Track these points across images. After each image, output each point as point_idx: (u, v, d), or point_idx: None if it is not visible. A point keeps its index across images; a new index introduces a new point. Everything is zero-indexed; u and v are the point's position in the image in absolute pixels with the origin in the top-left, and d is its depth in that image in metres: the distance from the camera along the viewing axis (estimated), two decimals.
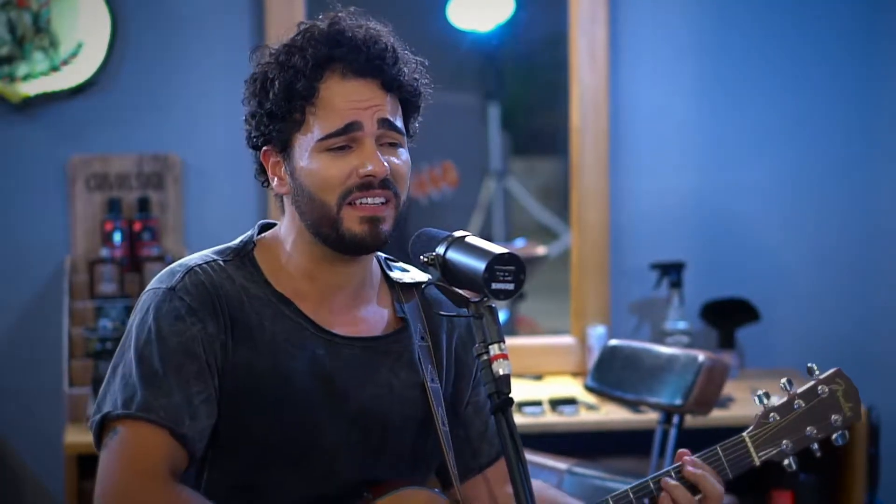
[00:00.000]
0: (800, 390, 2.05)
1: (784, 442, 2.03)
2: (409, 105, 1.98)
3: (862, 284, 4.56)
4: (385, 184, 1.91)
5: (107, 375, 1.91)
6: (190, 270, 1.93)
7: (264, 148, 1.97)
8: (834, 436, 2.05)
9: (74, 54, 4.12)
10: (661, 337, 4.31)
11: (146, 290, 1.95)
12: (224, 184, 4.27)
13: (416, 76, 1.97)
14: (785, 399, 2.05)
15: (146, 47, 4.22)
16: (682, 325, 4.31)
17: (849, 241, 4.55)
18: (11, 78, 4.09)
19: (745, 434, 2.03)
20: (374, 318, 2.02)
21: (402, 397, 1.99)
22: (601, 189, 4.43)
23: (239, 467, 1.92)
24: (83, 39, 4.12)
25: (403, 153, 1.95)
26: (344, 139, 1.90)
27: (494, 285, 1.79)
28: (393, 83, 1.93)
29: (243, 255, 1.98)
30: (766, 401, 2.04)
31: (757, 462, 2.02)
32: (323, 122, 1.90)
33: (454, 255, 1.85)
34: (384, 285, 2.06)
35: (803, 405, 2.04)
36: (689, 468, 1.99)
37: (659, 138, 4.48)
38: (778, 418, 2.03)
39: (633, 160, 4.46)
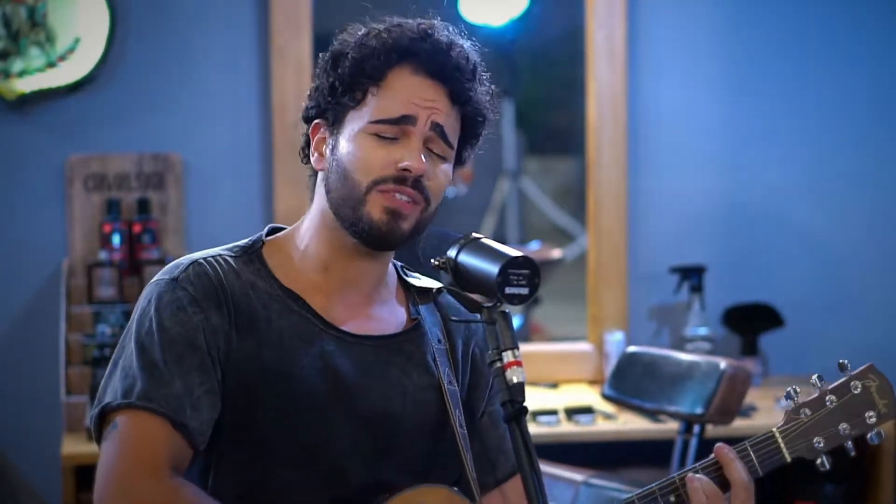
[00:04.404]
0: (831, 386, 2.03)
1: (816, 439, 2.00)
2: (470, 127, 2.00)
3: (889, 289, 4.54)
4: (418, 184, 1.93)
5: (108, 369, 1.93)
6: (194, 262, 1.96)
7: (316, 121, 2.00)
8: (869, 434, 2.02)
9: (72, 50, 4.09)
10: (681, 343, 4.30)
11: (150, 282, 1.98)
12: (227, 184, 4.27)
13: (487, 100, 2.00)
14: (816, 395, 2.03)
15: (146, 42, 4.19)
16: (702, 331, 4.29)
17: (876, 243, 4.53)
18: (6, 74, 4.07)
19: (775, 429, 2.01)
20: (387, 317, 2.03)
21: (415, 399, 2.00)
22: (619, 190, 4.40)
23: (245, 465, 1.92)
24: (81, 34, 4.09)
25: (446, 168, 1.98)
26: (395, 130, 1.93)
27: (508, 289, 1.77)
28: (461, 96, 1.96)
29: (251, 252, 2.01)
30: (796, 397, 2.02)
31: (787, 458, 2.00)
32: (380, 106, 1.93)
33: (466, 258, 1.84)
34: (400, 288, 2.08)
35: (835, 401, 2.02)
36: (724, 449, 1.98)
37: (679, 137, 4.46)
38: (809, 413, 2.01)
39: (653, 159, 4.43)
